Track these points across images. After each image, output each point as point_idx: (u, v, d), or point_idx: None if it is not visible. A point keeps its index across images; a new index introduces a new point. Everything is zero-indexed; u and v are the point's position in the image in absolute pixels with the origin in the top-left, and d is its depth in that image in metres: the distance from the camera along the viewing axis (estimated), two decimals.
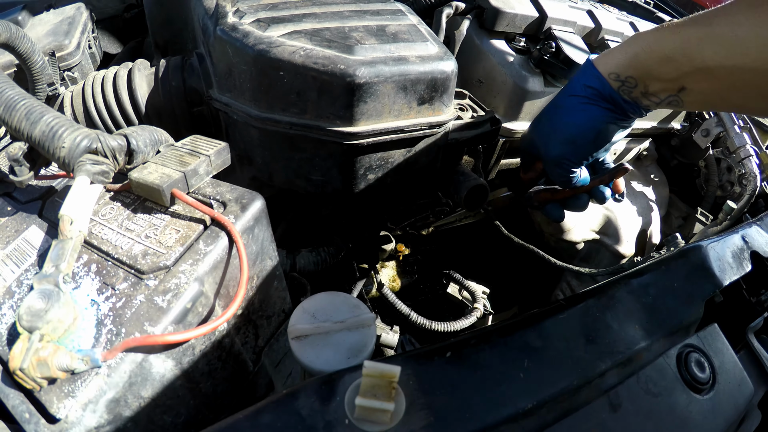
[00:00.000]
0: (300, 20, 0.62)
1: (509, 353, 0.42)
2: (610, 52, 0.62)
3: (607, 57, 0.62)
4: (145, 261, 0.43)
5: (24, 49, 0.57)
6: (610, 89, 0.61)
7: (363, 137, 0.60)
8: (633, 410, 0.43)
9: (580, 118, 0.63)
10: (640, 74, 0.59)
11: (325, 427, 0.35)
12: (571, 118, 0.64)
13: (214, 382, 0.47)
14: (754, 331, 0.62)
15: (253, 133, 0.63)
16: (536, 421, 0.40)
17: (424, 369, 0.39)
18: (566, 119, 0.64)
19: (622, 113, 0.62)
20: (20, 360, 0.35)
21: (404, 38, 0.63)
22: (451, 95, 0.65)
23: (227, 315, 0.41)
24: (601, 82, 0.61)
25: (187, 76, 0.68)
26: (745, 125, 1.05)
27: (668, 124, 1.15)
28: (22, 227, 0.48)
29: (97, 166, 0.45)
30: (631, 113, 0.62)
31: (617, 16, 1.07)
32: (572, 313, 0.47)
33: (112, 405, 0.37)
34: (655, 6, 1.46)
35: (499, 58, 0.84)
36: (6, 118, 0.43)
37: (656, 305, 0.51)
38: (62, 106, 0.66)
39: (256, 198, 0.49)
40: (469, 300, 0.78)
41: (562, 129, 0.64)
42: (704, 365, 0.50)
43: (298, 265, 0.72)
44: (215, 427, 0.35)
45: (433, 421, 0.36)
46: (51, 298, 0.37)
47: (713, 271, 0.58)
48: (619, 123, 0.63)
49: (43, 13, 0.88)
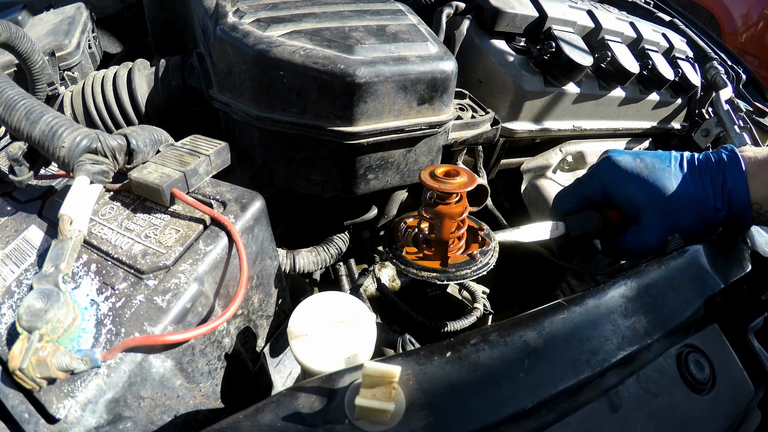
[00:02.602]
0: (300, 20, 0.62)
1: (509, 353, 0.42)
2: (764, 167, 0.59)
3: (760, 179, 0.59)
4: (144, 261, 0.43)
5: (24, 49, 0.57)
6: (747, 218, 0.61)
7: (363, 137, 0.60)
8: (633, 410, 0.43)
9: (707, 231, 0.62)
10: None
11: (325, 427, 0.35)
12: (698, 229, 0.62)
13: (214, 382, 0.47)
14: (754, 331, 0.62)
15: (253, 133, 0.63)
16: (536, 421, 0.40)
17: (424, 369, 0.39)
18: (693, 228, 0.62)
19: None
20: (20, 360, 0.35)
21: (404, 38, 0.63)
22: (451, 95, 0.65)
23: (227, 315, 0.41)
24: (745, 210, 0.60)
25: (187, 75, 0.68)
26: (745, 125, 1.06)
27: (668, 124, 1.15)
28: (22, 227, 0.48)
29: (97, 166, 0.45)
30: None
31: (617, 16, 1.07)
32: (572, 313, 0.47)
33: (112, 405, 0.37)
34: (655, 6, 1.46)
35: (499, 58, 0.84)
36: (6, 118, 0.43)
37: (656, 305, 0.51)
38: (62, 105, 0.66)
39: (256, 198, 0.49)
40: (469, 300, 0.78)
41: (684, 234, 0.62)
42: (704, 365, 0.50)
43: (298, 265, 0.71)
44: (215, 427, 0.35)
45: (433, 421, 0.36)
46: (50, 298, 0.37)
47: (713, 271, 0.58)
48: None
49: (43, 13, 0.88)
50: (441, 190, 0.57)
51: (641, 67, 0.95)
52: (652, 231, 0.63)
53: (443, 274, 0.59)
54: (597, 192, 0.69)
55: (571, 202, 0.71)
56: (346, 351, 0.44)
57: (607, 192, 0.68)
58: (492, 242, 0.65)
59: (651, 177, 0.64)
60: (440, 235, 0.60)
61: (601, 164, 0.69)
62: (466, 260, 0.62)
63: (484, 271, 0.61)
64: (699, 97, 1.15)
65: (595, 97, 0.93)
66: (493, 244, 0.64)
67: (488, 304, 0.77)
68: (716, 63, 1.19)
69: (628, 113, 1.03)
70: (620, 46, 0.93)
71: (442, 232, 0.60)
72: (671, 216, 0.62)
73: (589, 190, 0.69)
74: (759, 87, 1.34)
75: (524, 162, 0.98)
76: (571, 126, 0.93)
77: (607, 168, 0.67)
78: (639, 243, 0.65)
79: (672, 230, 0.63)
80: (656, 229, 0.63)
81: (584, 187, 0.70)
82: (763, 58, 3.21)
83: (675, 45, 1.10)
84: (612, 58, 0.90)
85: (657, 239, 0.63)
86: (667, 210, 0.62)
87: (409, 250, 0.65)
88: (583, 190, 0.70)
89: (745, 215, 0.61)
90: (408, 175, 0.70)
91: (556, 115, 0.90)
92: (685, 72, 1.06)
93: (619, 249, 0.69)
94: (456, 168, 0.60)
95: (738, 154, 0.62)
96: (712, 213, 0.61)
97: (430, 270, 0.60)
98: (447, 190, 0.57)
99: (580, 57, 0.82)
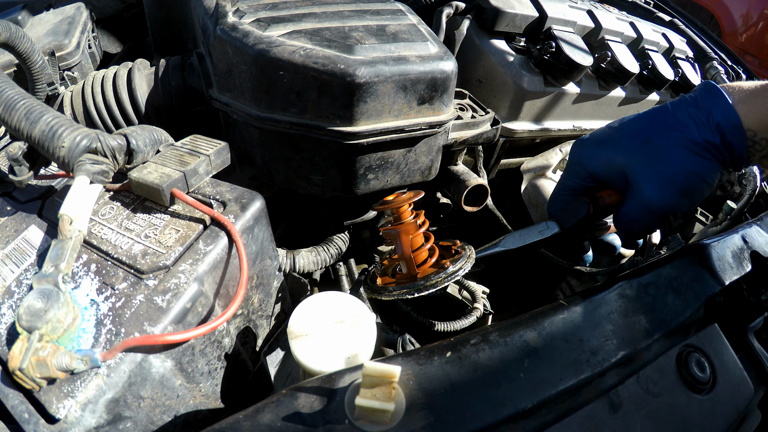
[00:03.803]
0: (300, 20, 0.62)
1: (509, 353, 0.42)
2: (754, 97, 0.56)
3: (750, 105, 0.55)
4: (144, 261, 0.43)
5: (24, 49, 0.57)
6: (742, 145, 0.56)
7: (363, 137, 0.60)
8: (633, 410, 0.43)
9: (705, 169, 0.56)
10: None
11: (325, 427, 0.35)
12: (694, 166, 0.56)
13: (213, 382, 0.47)
14: (754, 331, 0.62)
15: (253, 133, 0.63)
16: (536, 421, 0.40)
17: (424, 369, 0.39)
18: (688, 166, 0.57)
19: (724, 167, 0.58)
20: (19, 360, 0.35)
21: (404, 38, 0.62)
22: (451, 95, 0.65)
23: (227, 315, 0.41)
24: (738, 135, 0.55)
25: (187, 75, 0.68)
26: None
27: None
28: (22, 227, 0.48)
29: (97, 166, 0.45)
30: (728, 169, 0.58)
31: (617, 16, 1.07)
32: (572, 313, 0.47)
33: (112, 405, 0.37)
34: (655, 6, 1.46)
35: (499, 58, 0.84)
36: (6, 118, 0.43)
37: (656, 305, 0.51)
38: (62, 105, 0.66)
39: (256, 198, 0.49)
40: (469, 300, 0.78)
41: (683, 178, 0.57)
42: (704, 365, 0.50)
43: (298, 265, 0.71)
44: (215, 427, 0.35)
45: (433, 421, 0.36)
46: (50, 298, 0.37)
47: (713, 271, 0.58)
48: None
49: (42, 13, 0.88)
50: (388, 208, 0.63)
51: (641, 67, 0.95)
52: (647, 186, 0.59)
53: (413, 288, 0.59)
54: (579, 177, 0.66)
55: (561, 200, 0.68)
56: (346, 351, 0.44)
57: (588, 170, 0.64)
58: (466, 251, 0.64)
59: (623, 134, 0.61)
60: (402, 252, 0.62)
61: (574, 149, 0.67)
62: (435, 271, 0.62)
63: (456, 277, 0.60)
64: None
65: (595, 97, 0.93)
66: (467, 252, 0.64)
67: (488, 304, 0.77)
68: (716, 63, 1.19)
69: (628, 113, 1.02)
70: (620, 46, 0.93)
71: (403, 249, 0.62)
72: (659, 163, 0.58)
73: (571, 180, 0.67)
74: None
75: (524, 162, 0.98)
76: (571, 126, 0.93)
77: (578, 148, 0.65)
78: (640, 205, 0.60)
79: (668, 178, 0.58)
80: (650, 183, 0.58)
81: (567, 180, 0.67)
82: (763, 58, 3.22)
83: (675, 45, 1.10)
84: (612, 58, 0.90)
85: (656, 193, 0.58)
86: (651, 157, 0.58)
87: (387, 280, 0.66)
88: (566, 182, 0.67)
89: (740, 143, 0.56)
90: (408, 175, 0.70)
91: (556, 115, 0.90)
92: (685, 72, 1.06)
93: (625, 224, 0.63)
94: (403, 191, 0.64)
95: (714, 84, 0.59)
96: (703, 146, 0.57)
97: (401, 288, 0.60)
98: (391, 207, 0.63)
99: (580, 57, 0.82)
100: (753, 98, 0.56)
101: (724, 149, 0.57)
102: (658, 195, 0.58)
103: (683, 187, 0.58)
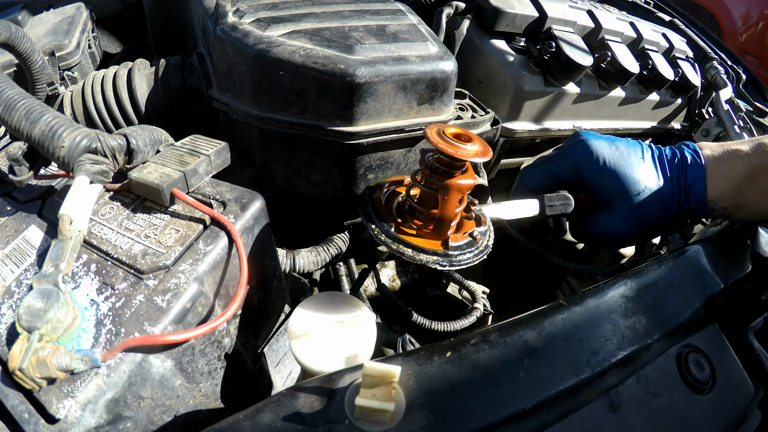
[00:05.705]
0: (300, 20, 0.62)
1: (509, 353, 0.42)
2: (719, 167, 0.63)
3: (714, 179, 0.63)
4: (144, 261, 0.43)
5: (24, 49, 0.57)
6: (702, 212, 0.65)
7: (363, 137, 0.60)
8: (633, 410, 0.43)
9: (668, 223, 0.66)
10: (736, 206, 0.63)
11: (325, 427, 0.35)
12: (662, 219, 0.65)
13: (213, 382, 0.47)
14: (754, 331, 0.62)
15: (253, 133, 0.63)
16: (536, 421, 0.40)
17: (424, 369, 0.39)
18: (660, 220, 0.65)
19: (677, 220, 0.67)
20: (19, 360, 0.35)
21: (404, 38, 0.63)
22: (451, 95, 0.65)
23: (227, 315, 0.41)
24: (701, 205, 0.64)
25: (187, 75, 0.68)
26: (745, 125, 1.06)
27: (668, 124, 1.15)
28: (22, 227, 0.48)
29: (97, 166, 0.45)
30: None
31: (617, 16, 1.07)
32: (572, 313, 0.47)
33: (112, 405, 0.37)
34: (655, 6, 1.46)
35: (499, 58, 0.84)
36: (6, 118, 0.43)
37: (656, 305, 0.51)
38: (62, 105, 0.66)
39: (256, 198, 0.49)
40: (469, 300, 0.78)
41: (652, 226, 0.66)
42: (704, 365, 0.50)
43: (298, 265, 0.72)
44: (215, 427, 0.35)
45: (433, 421, 0.36)
46: (50, 297, 0.37)
47: (713, 271, 0.58)
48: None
49: (42, 13, 0.88)
50: (456, 156, 0.45)
51: (641, 67, 0.95)
52: (622, 219, 0.65)
53: (445, 258, 0.48)
54: (569, 173, 0.68)
55: (540, 180, 0.70)
56: (346, 351, 0.44)
57: (581, 176, 0.67)
58: (487, 220, 0.57)
59: (627, 169, 0.65)
60: (444, 212, 0.49)
61: (576, 147, 0.67)
62: (467, 241, 0.52)
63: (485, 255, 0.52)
64: (699, 97, 1.16)
65: (595, 97, 0.93)
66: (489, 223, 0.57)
67: (488, 304, 0.77)
68: (716, 63, 1.19)
69: (628, 113, 1.03)
70: (620, 46, 0.93)
71: (447, 209, 0.49)
72: (641, 208, 0.65)
73: (560, 170, 0.68)
74: (759, 87, 1.34)
75: (524, 162, 0.98)
76: (571, 126, 0.93)
77: (583, 152, 0.66)
78: (608, 229, 0.67)
79: (640, 221, 0.65)
80: (627, 219, 0.65)
81: (555, 167, 0.68)
82: (763, 58, 3.22)
83: (675, 45, 1.10)
84: (612, 58, 0.90)
85: (626, 228, 0.66)
86: (639, 202, 0.65)
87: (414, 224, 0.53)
88: (554, 169, 0.69)
89: (700, 210, 0.65)
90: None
91: (556, 115, 0.90)
92: (685, 72, 1.06)
93: (586, 233, 0.70)
94: (467, 132, 0.49)
95: (699, 153, 0.65)
96: (674, 208, 0.65)
97: (429, 252, 0.48)
98: (462, 157, 0.45)
99: (580, 57, 0.82)
100: (718, 169, 0.63)
101: (688, 213, 0.66)
102: (627, 231, 0.66)
103: (647, 230, 0.67)
